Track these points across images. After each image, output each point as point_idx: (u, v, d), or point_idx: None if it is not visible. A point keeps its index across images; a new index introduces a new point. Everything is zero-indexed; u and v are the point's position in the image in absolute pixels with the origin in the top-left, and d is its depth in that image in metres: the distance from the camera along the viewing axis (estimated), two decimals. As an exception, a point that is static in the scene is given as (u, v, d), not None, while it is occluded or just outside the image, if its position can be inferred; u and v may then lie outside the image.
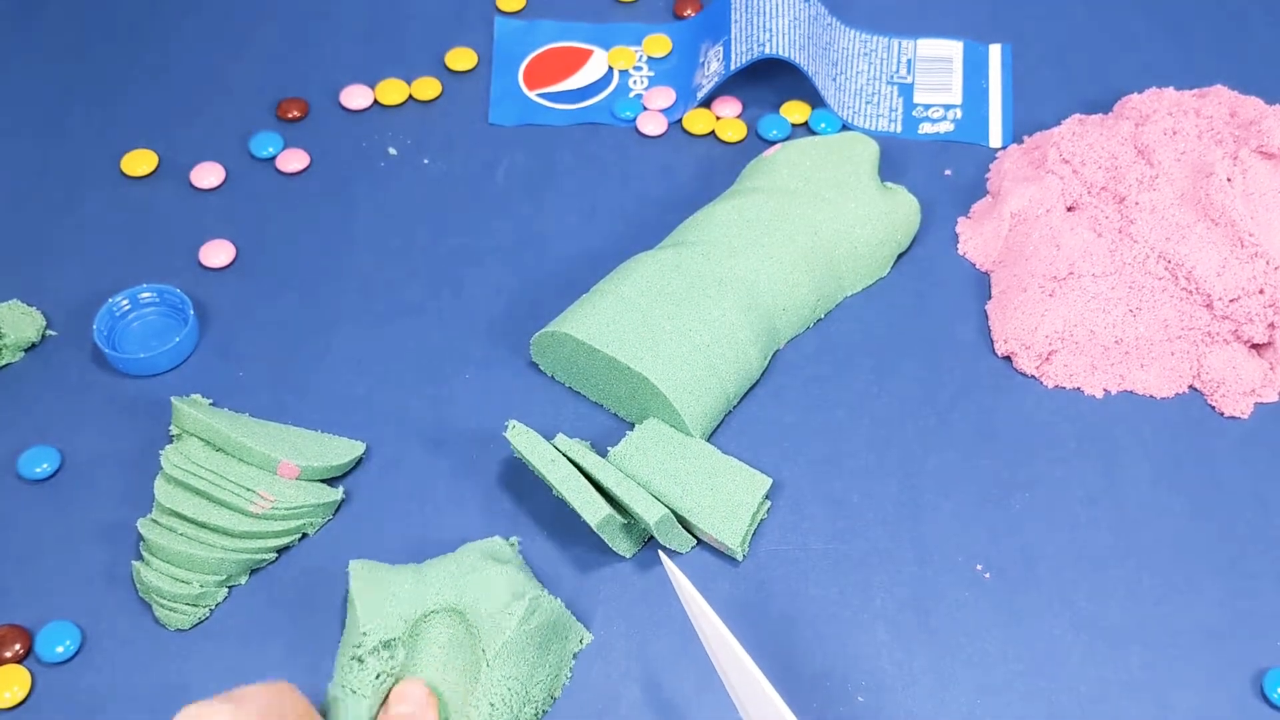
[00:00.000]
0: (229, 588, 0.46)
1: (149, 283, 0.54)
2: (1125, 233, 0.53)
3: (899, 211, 0.55)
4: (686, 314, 0.49)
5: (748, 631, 0.45)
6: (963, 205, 0.58)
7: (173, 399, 0.49)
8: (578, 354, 0.49)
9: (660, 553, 0.43)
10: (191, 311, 0.52)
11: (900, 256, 0.56)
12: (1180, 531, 0.48)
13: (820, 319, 0.54)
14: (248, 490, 0.46)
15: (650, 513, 0.45)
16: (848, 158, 0.55)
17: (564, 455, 0.46)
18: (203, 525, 0.46)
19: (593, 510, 0.44)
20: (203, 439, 0.48)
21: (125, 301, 0.53)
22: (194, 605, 0.45)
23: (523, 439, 0.46)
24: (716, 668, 0.40)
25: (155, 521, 0.46)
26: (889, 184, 0.56)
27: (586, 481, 0.45)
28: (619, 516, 0.45)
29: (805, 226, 0.52)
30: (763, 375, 0.52)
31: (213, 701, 0.37)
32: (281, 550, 0.47)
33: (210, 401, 0.51)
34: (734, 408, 0.51)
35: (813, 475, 0.49)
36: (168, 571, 0.45)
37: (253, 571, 0.47)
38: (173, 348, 0.52)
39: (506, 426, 0.47)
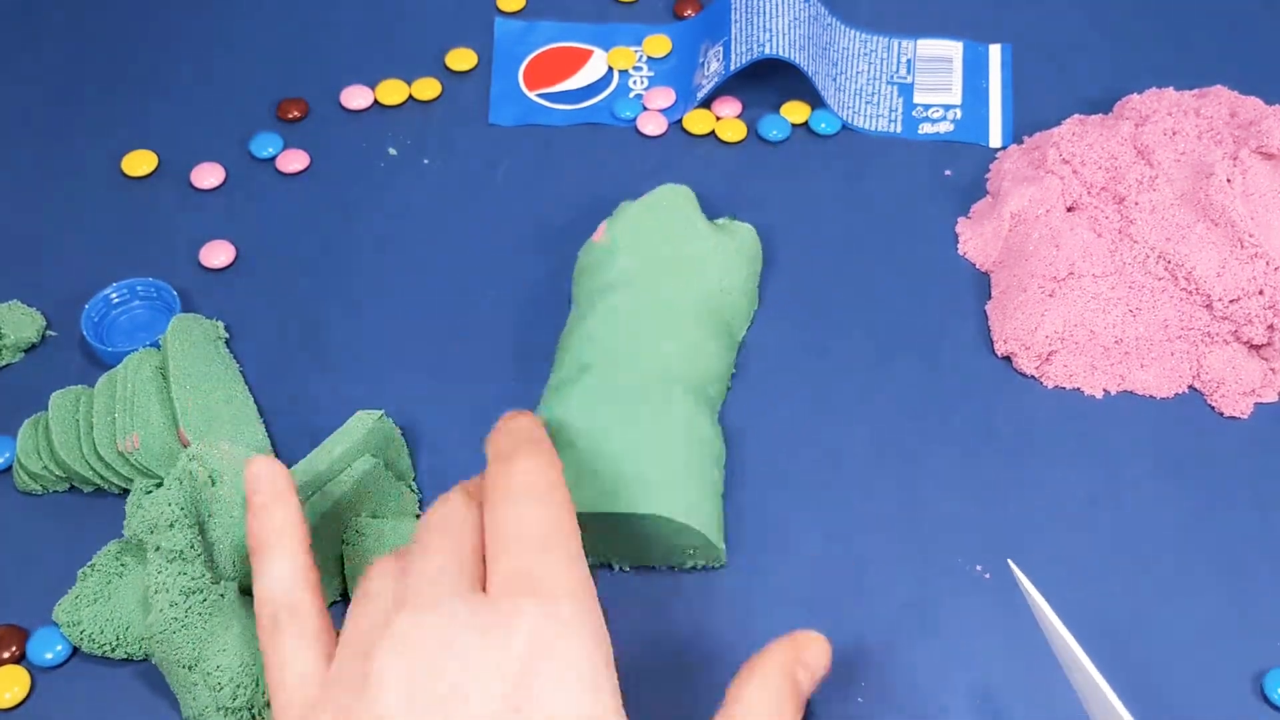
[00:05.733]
0: (71, 487, 0.48)
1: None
2: (1125, 233, 0.53)
3: (744, 244, 0.53)
4: (641, 434, 0.46)
5: (747, 633, 0.45)
6: (963, 205, 0.58)
7: (174, 317, 0.50)
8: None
9: (1010, 562, 0.41)
10: (177, 302, 0.52)
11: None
12: (1180, 531, 0.48)
13: (735, 373, 0.52)
14: (130, 426, 0.47)
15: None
16: (672, 211, 0.52)
17: None
18: (86, 425, 0.47)
19: None
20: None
21: (115, 295, 0.53)
22: (33, 479, 0.48)
23: None
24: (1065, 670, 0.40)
25: (76, 398, 0.48)
26: (718, 220, 0.54)
27: None
28: None
29: (679, 297, 0.50)
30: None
31: None
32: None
33: (226, 338, 0.52)
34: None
35: (812, 476, 0.49)
36: (32, 438, 0.48)
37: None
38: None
39: None
